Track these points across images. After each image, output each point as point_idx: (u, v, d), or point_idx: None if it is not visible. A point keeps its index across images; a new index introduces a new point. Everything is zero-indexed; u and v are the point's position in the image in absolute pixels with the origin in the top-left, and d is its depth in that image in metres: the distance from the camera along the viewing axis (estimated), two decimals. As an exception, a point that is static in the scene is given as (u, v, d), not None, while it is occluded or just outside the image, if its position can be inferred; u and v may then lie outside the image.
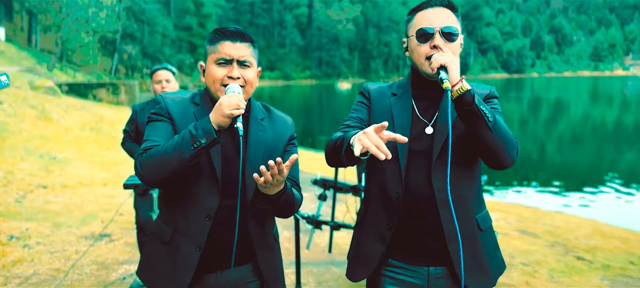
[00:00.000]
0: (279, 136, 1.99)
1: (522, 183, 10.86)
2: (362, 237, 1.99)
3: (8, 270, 4.60)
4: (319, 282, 4.46)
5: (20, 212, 6.35)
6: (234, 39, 1.84)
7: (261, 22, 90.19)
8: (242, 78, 1.84)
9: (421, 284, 1.90)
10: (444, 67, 1.68)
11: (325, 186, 4.21)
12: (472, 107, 1.66)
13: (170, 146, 1.71)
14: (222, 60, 1.83)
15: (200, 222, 1.82)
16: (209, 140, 1.69)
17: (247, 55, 1.85)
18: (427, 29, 1.79)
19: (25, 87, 18.29)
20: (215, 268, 1.88)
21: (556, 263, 5.04)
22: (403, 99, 1.92)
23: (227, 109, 1.69)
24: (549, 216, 7.09)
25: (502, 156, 1.75)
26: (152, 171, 1.74)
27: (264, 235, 1.97)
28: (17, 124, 11.91)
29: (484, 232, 1.91)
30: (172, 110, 1.87)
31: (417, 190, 1.84)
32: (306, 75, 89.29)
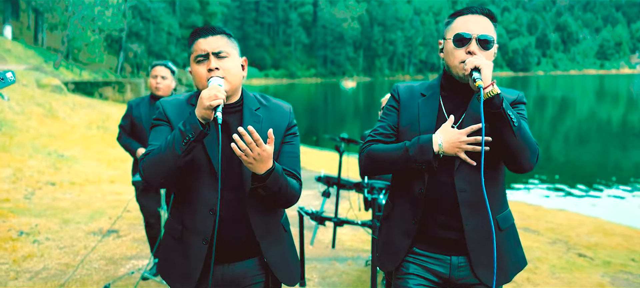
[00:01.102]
0: (276, 126, 1.98)
1: (527, 181, 10.89)
2: (390, 230, 2.10)
3: (18, 265, 4.69)
4: (323, 277, 4.53)
5: (30, 208, 6.45)
6: (206, 34, 1.89)
7: (266, 20, 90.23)
8: (221, 69, 1.87)
9: (444, 272, 2.00)
10: (478, 68, 1.76)
11: (329, 183, 4.28)
12: (500, 110, 1.75)
13: (165, 145, 1.79)
14: (200, 57, 1.88)
15: (204, 216, 1.89)
16: (196, 134, 1.75)
17: (222, 45, 1.89)
18: (465, 34, 1.86)
19: (32, 85, 18.43)
20: (223, 261, 1.95)
21: (557, 260, 5.09)
22: (431, 100, 2.01)
23: (206, 100, 1.74)
24: (552, 214, 7.13)
25: (523, 161, 1.85)
26: (152, 172, 1.83)
27: (269, 225, 1.99)
28: (25, 121, 12.04)
29: (504, 231, 2.01)
30: (169, 114, 1.94)
31: (439, 188, 1.94)
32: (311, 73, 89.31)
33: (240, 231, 1.93)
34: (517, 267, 2.06)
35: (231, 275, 1.98)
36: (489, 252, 1.94)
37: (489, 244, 1.93)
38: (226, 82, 1.87)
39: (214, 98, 1.74)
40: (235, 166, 1.91)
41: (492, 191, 1.97)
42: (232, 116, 1.95)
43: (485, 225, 1.92)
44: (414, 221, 1.99)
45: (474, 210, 1.93)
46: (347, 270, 4.63)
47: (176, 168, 1.80)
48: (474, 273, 1.97)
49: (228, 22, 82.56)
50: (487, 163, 1.92)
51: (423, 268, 2.03)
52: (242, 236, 1.94)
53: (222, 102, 1.75)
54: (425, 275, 2.03)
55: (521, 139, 1.82)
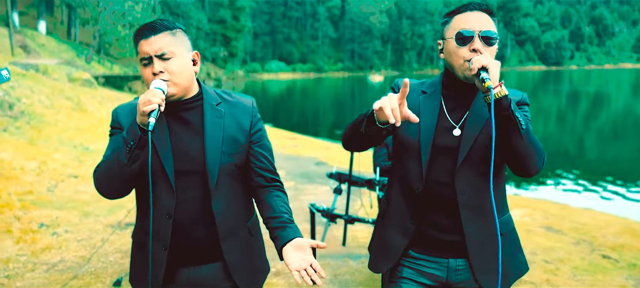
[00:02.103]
0: (239, 122, 1.91)
1: (555, 179, 10.61)
2: (385, 229, 2.02)
3: (36, 256, 4.77)
4: (335, 275, 4.47)
5: (52, 201, 6.57)
6: (147, 35, 1.77)
7: (294, 14, 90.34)
8: (166, 71, 1.76)
9: (441, 275, 1.93)
10: (485, 68, 1.67)
11: (341, 179, 4.22)
12: (508, 112, 1.67)
13: (111, 155, 1.74)
14: (144, 60, 1.77)
15: (162, 221, 1.83)
16: (137, 140, 1.69)
17: (165, 45, 1.76)
18: (467, 32, 1.78)
19: (64, 79, 18.85)
20: (186, 264, 1.90)
21: (580, 261, 4.92)
22: (432, 98, 1.93)
23: (141, 106, 1.66)
24: (577, 213, 6.91)
25: (529, 165, 1.76)
26: (103, 183, 1.80)
27: (233, 226, 1.92)
28: (53, 115, 12.29)
29: (505, 235, 1.94)
30: (122, 121, 1.86)
31: (438, 189, 1.87)
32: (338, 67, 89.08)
33: (201, 232, 1.87)
34: (518, 273, 1.99)
35: (196, 278, 1.92)
36: (490, 256, 1.87)
37: (490, 248, 1.86)
38: (172, 84, 1.77)
39: (148, 103, 1.64)
40: (195, 164, 1.84)
41: (495, 194, 1.87)
42: (190, 112, 1.87)
43: (486, 229, 1.85)
44: (412, 221, 1.92)
45: (474, 214, 1.86)
46: (360, 268, 4.56)
47: (127, 177, 1.75)
48: (475, 278, 1.90)
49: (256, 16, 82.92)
50: (489, 164, 1.81)
51: (418, 273, 1.96)
52: (203, 237, 1.87)
53: (156, 107, 1.65)
54: (419, 280, 1.96)
55: (528, 142, 1.73)
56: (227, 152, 1.86)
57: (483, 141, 1.83)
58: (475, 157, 1.84)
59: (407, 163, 1.93)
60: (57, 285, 4.15)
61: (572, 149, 15.79)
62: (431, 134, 1.87)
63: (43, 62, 21.55)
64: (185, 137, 1.84)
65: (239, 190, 1.95)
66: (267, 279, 4.39)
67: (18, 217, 5.75)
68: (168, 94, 1.76)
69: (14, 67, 16.19)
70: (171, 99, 1.80)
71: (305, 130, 17.80)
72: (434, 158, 1.88)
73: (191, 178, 1.82)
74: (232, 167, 1.88)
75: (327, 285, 4.29)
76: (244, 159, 1.93)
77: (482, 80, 1.65)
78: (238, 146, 1.89)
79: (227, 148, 1.86)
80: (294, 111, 29.88)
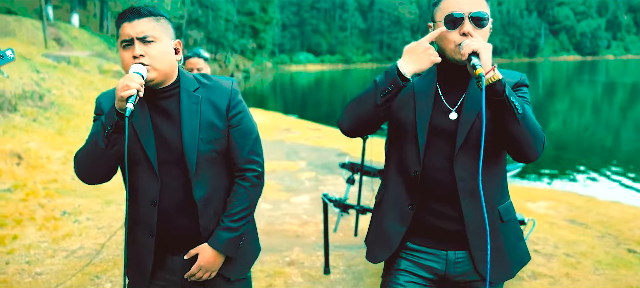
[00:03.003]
0: (216, 106, 1.87)
1: (583, 171, 10.33)
2: (382, 217, 1.95)
3: (57, 243, 4.88)
4: (349, 265, 4.44)
5: (75, 189, 6.71)
6: (130, 18, 1.75)
7: (323, 5, 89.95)
8: (147, 55, 1.74)
9: (440, 268, 1.88)
10: (476, 53, 1.61)
11: (353, 169, 4.17)
12: (502, 97, 1.60)
13: (90, 140, 1.74)
14: (125, 42, 1.75)
15: (147, 208, 1.83)
16: (113, 125, 1.67)
17: (148, 30, 1.74)
18: (456, 14, 1.71)
19: (94, 71, 19.23)
20: (175, 252, 1.90)
21: (604, 255, 4.77)
22: (427, 80, 1.87)
23: (118, 91, 1.64)
24: (604, 206, 6.71)
25: (527, 149, 1.70)
26: (83, 168, 1.80)
27: (217, 213, 1.92)
28: (82, 106, 12.56)
29: (506, 223, 1.87)
30: (104, 107, 1.86)
31: (436, 174, 1.81)
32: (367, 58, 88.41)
33: (186, 221, 1.86)
34: (521, 262, 1.93)
35: (184, 263, 1.92)
36: (493, 245, 1.81)
37: (492, 237, 1.80)
38: (152, 69, 1.75)
39: (126, 88, 1.62)
40: (174, 153, 1.82)
41: (492, 180, 1.83)
42: (168, 100, 1.85)
43: (487, 217, 1.76)
44: (410, 206, 1.86)
45: (473, 200, 1.79)
46: (374, 258, 4.52)
47: (106, 163, 1.74)
48: (476, 269, 1.84)
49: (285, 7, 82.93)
50: (490, 151, 1.78)
51: (416, 265, 1.90)
52: (187, 226, 1.87)
53: (134, 92, 1.62)
54: (417, 272, 1.91)
55: (526, 127, 1.65)
56: (205, 139, 1.84)
57: (481, 126, 1.73)
58: (474, 142, 1.77)
59: (403, 146, 1.87)
60: (75, 271, 4.24)
61: (608, 141, 15.31)
62: (428, 116, 1.81)
63: (75, 54, 22.03)
64: (164, 126, 1.83)
65: (224, 176, 1.93)
66: (281, 268, 4.39)
67: (42, 204, 5.90)
68: (147, 78, 1.75)
69: (47, 59, 16.59)
70: (150, 84, 1.78)
71: (332, 122, 17.76)
72: (430, 141, 1.82)
73: (172, 167, 1.82)
74: (212, 154, 1.86)
75: (341, 275, 4.26)
76: (226, 144, 1.90)
77: (474, 67, 1.59)
78: (217, 132, 1.87)
79: (205, 135, 1.84)
80: (322, 103, 29.84)
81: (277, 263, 4.51)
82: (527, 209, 6.24)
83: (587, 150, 13.26)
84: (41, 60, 15.54)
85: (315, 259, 4.60)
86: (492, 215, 1.82)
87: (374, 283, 4.11)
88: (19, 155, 7.40)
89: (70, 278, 4.10)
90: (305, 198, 6.69)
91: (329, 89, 41.57)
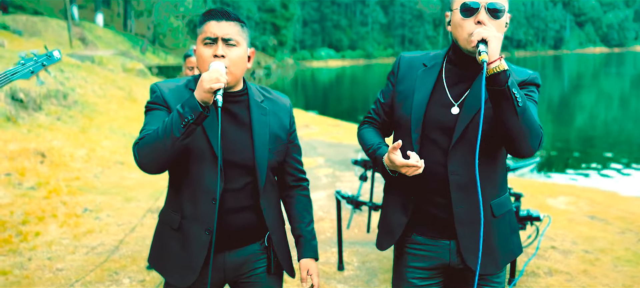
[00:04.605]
0: (280, 120, 2.01)
1: (606, 166, 10.12)
2: (388, 207, 2.04)
3: (78, 239, 5.00)
4: (363, 261, 4.45)
5: (97, 187, 6.85)
6: (219, 18, 1.82)
7: (343, 0, 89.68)
8: (227, 57, 1.81)
9: (444, 258, 1.93)
10: (485, 41, 1.62)
11: (366, 166, 4.18)
12: (503, 88, 1.61)
13: (162, 128, 1.72)
14: (208, 40, 1.81)
15: (206, 205, 1.85)
16: (196, 116, 1.68)
17: (233, 33, 1.83)
18: (472, 3, 1.73)
19: (118, 69, 19.54)
20: (225, 249, 1.95)
21: (624, 251, 4.69)
22: (430, 72, 1.90)
23: (207, 83, 1.67)
24: (626, 201, 6.57)
25: (523, 145, 1.71)
26: (148, 156, 1.76)
27: (275, 219, 2.03)
28: (105, 104, 12.78)
29: (498, 218, 1.90)
30: (168, 98, 1.87)
31: (432, 167, 1.84)
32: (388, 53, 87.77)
33: (248, 220, 1.94)
34: (511, 255, 1.96)
35: (233, 261, 1.97)
36: (478, 237, 1.82)
37: (479, 229, 1.79)
38: (229, 71, 1.81)
39: (216, 81, 1.68)
40: (242, 153, 1.89)
41: (487, 175, 1.85)
42: (237, 105, 1.92)
43: (476, 210, 1.79)
44: (410, 198, 1.92)
45: (464, 193, 1.83)
46: (389, 254, 4.52)
47: (174, 153, 1.74)
48: (462, 259, 1.88)
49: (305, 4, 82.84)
50: (485, 145, 1.78)
51: (423, 258, 1.96)
52: (249, 224, 1.95)
53: (223, 85, 1.69)
54: (425, 265, 1.96)
55: (524, 122, 1.66)
56: (273, 150, 1.95)
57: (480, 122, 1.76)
58: (470, 137, 1.79)
59: (403, 139, 1.89)
60: (94, 266, 4.34)
61: (636, 135, 14.95)
62: (423, 110, 1.84)
63: (99, 53, 22.42)
64: (232, 129, 1.89)
65: (275, 184, 2.07)
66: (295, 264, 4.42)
67: (64, 202, 6.04)
68: None
69: (71, 58, 16.92)
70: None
71: (352, 118, 17.74)
72: (426, 135, 1.85)
73: (239, 170, 1.89)
74: (275, 164, 1.99)
75: (355, 271, 4.28)
76: (284, 157, 2.04)
77: (479, 53, 1.60)
78: (280, 144, 1.99)
79: (273, 147, 1.95)
80: (343, 98, 29.79)
81: (292, 260, 4.54)
82: (546, 205, 6.16)
83: (614, 144, 12.99)
84: (65, 60, 15.85)
85: (330, 255, 4.62)
86: (484, 209, 1.84)
87: (387, 279, 4.12)
88: (42, 154, 7.58)
89: (89, 274, 4.19)
90: (322, 195, 6.71)
91: (350, 84, 41.44)
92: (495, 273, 1.92)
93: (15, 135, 8.23)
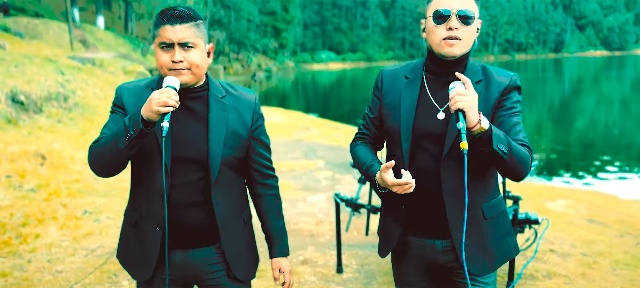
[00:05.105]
0: (241, 116, 1.96)
1: (605, 169, 10.13)
2: (385, 215, 2.12)
3: (78, 242, 5.01)
4: (362, 264, 4.46)
5: (97, 189, 6.86)
6: (173, 22, 1.78)
7: (344, 3, 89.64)
8: (186, 61, 1.79)
9: (436, 257, 2.00)
10: (462, 111, 1.69)
11: (365, 169, 4.19)
12: (489, 150, 1.71)
13: (111, 137, 1.76)
14: (164, 44, 1.79)
15: (157, 203, 1.87)
16: (137, 132, 1.70)
17: (189, 36, 1.79)
18: (444, 11, 1.83)
19: (119, 72, 19.59)
20: (180, 247, 1.94)
21: (622, 254, 4.70)
22: (413, 83, 1.97)
23: (154, 105, 1.67)
24: (625, 205, 6.59)
25: (515, 176, 1.83)
26: (97, 162, 1.81)
27: (231, 214, 1.98)
28: (106, 107, 12.79)
29: (489, 220, 1.95)
30: (125, 101, 1.89)
31: (423, 176, 1.90)
32: (389, 56, 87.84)
33: (199, 217, 1.91)
34: (507, 256, 2.01)
35: (190, 261, 1.96)
36: (475, 241, 1.92)
37: (473, 232, 1.90)
38: (190, 74, 1.82)
39: (164, 105, 1.67)
40: (196, 148, 1.87)
41: (478, 180, 1.91)
42: (196, 101, 1.91)
43: (470, 215, 1.87)
44: (403, 206, 1.98)
45: (456, 198, 1.88)
46: (387, 257, 4.52)
47: (120, 162, 1.78)
48: (456, 258, 1.96)
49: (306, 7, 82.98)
50: (476, 159, 1.85)
51: (418, 258, 2.03)
52: (200, 222, 1.92)
53: (171, 109, 1.69)
54: (420, 264, 2.04)
55: (512, 163, 1.76)
56: (229, 145, 1.91)
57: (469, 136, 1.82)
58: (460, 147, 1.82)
59: (392, 150, 1.97)
60: (93, 268, 4.35)
61: (637, 138, 14.95)
62: (411, 120, 1.90)
63: (100, 55, 22.45)
64: (188, 125, 1.88)
65: (236, 182, 2.01)
66: (295, 267, 4.44)
67: (64, 204, 6.05)
68: (183, 82, 1.81)
69: (72, 61, 16.96)
70: (182, 86, 1.84)
71: (352, 121, 17.76)
72: (418, 144, 1.91)
73: (191, 166, 1.87)
74: (232, 160, 1.94)
75: (354, 274, 4.29)
76: (244, 153, 2.00)
77: (460, 136, 1.67)
78: (240, 140, 1.95)
79: (229, 142, 1.91)
80: (344, 101, 29.82)
81: (291, 262, 4.52)
82: (545, 208, 6.17)
83: (614, 148, 13.02)
84: (66, 62, 15.90)
85: (329, 258, 4.63)
86: (475, 213, 1.91)
87: (385, 282, 4.12)
88: (43, 156, 7.60)
89: (89, 276, 4.20)
90: (321, 197, 6.73)
91: (350, 87, 41.51)
92: (489, 273, 1.98)
93: (16, 137, 8.26)
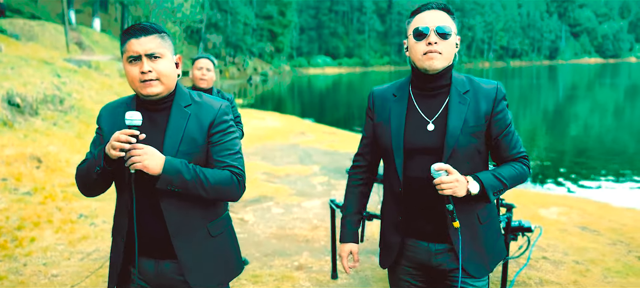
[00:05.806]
0: (200, 122, 1.93)
1: (598, 177, 10.19)
2: (384, 227, 2.21)
3: (73, 245, 5.02)
4: (356, 270, 4.49)
5: (92, 193, 6.86)
6: (138, 35, 1.83)
7: (340, 8, 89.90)
8: (154, 71, 1.84)
9: (423, 259, 2.08)
10: (450, 198, 1.86)
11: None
12: (488, 202, 1.97)
13: (87, 165, 1.89)
14: (132, 58, 1.84)
15: (123, 216, 1.96)
16: (101, 170, 1.81)
17: (154, 47, 1.84)
18: (423, 28, 1.95)
19: (114, 75, 19.55)
20: (150, 256, 1.96)
21: (614, 262, 4.74)
22: (401, 101, 2.08)
23: (110, 149, 1.76)
24: (618, 212, 6.64)
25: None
26: (79, 183, 1.96)
27: (185, 225, 1.94)
28: (102, 110, 12.79)
29: (484, 224, 2.06)
30: (102, 122, 1.98)
31: (418, 189, 2.00)
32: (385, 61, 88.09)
33: (154, 228, 1.91)
34: (498, 257, 2.12)
35: (163, 270, 1.98)
36: (471, 244, 2.02)
37: (469, 236, 2.00)
38: (160, 83, 1.87)
39: (116, 150, 1.75)
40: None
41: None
42: (159, 113, 1.93)
43: (464, 217, 1.98)
44: (400, 216, 2.07)
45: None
46: (382, 264, 4.56)
47: (98, 186, 1.91)
48: (452, 260, 2.05)
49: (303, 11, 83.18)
50: (471, 164, 2.00)
51: (414, 260, 2.11)
52: (155, 233, 1.92)
53: (124, 154, 1.76)
54: (415, 265, 2.12)
55: (511, 188, 2.00)
56: (184, 151, 1.89)
57: (464, 142, 1.94)
58: (459, 157, 1.95)
59: (389, 165, 2.07)
60: (89, 272, 4.36)
61: (630, 146, 15.04)
62: (401, 137, 1.99)
63: (95, 58, 22.41)
64: (149, 136, 1.89)
65: None
66: (290, 272, 4.46)
67: (60, 207, 6.06)
68: (154, 93, 1.87)
69: (68, 63, 16.93)
70: (154, 98, 1.89)
71: (349, 126, 17.79)
72: (412, 157, 1.99)
73: (149, 176, 1.82)
74: None
75: (348, 280, 4.31)
76: (204, 159, 1.95)
77: (453, 219, 1.88)
78: (196, 146, 1.92)
79: (184, 148, 1.89)
80: (339, 106, 29.86)
81: (286, 268, 4.58)
82: (538, 215, 6.22)
83: (608, 155, 13.08)
84: (62, 65, 15.87)
85: (324, 264, 4.66)
86: (471, 217, 2.01)
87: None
88: (38, 159, 7.59)
89: (84, 280, 4.21)
90: (316, 203, 6.75)
91: (346, 92, 41.54)
92: (485, 274, 2.06)
93: (12, 140, 8.25)
